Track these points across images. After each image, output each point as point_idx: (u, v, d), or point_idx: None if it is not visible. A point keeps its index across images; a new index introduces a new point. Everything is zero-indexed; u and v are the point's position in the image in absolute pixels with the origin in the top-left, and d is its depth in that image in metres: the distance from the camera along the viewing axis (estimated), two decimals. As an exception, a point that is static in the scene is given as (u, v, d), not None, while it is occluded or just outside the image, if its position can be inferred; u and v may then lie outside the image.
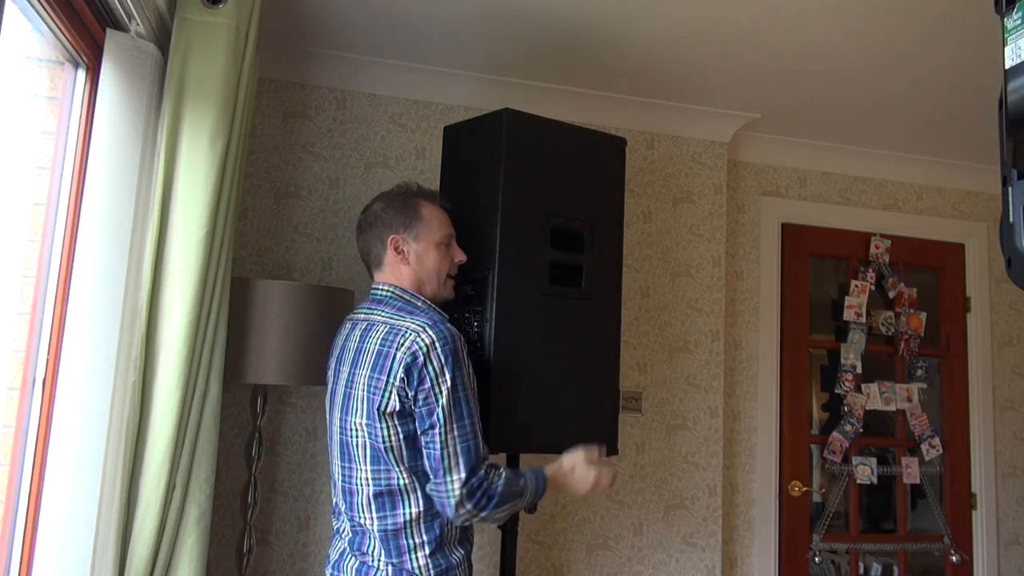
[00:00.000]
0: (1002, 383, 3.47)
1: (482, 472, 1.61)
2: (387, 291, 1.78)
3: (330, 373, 1.86)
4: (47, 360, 1.64)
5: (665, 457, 2.89)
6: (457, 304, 1.92)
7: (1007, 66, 0.89)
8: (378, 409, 1.62)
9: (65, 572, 1.58)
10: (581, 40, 2.44)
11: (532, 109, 2.86)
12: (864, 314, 3.32)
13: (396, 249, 1.79)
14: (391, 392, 1.60)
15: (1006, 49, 0.90)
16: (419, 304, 1.76)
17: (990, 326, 3.49)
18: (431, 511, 1.65)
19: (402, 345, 1.61)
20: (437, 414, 1.59)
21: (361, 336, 1.73)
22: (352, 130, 2.73)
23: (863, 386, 3.28)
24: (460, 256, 1.85)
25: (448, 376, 1.60)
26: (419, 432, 1.61)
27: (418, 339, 1.61)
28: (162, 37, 1.84)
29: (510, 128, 1.94)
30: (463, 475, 1.58)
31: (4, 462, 1.57)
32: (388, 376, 1.61)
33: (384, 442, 1.63)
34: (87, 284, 1.65)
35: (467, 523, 1.66)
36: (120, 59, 1.71)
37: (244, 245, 2.58)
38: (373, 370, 1.65)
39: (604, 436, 1.96)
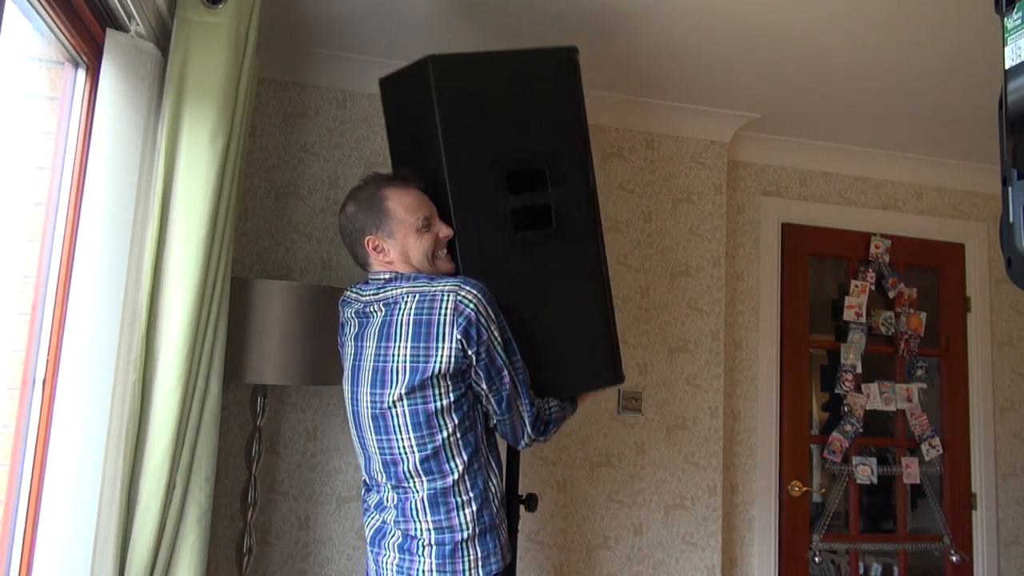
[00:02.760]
0: (1002, 383, 3.47)
1: (538, 401, 1.79)
2: (389, 275, 1.77)
3: (347, 350, 1.84)
4: (47, 360, 1.64)
5: (665, 457, 2.89)
6: None
7: (1007, 66, 0.89)
8: (432, 375, 1.64)
9: (65, 572, 1.58)
10: (581, 39, 2.44)
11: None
12: (864, 314, 3.32)
13: (376, 250, 1.77)
14: (446, 355, 1.63)
15: (1006, 49, 0.90)
16: (428, 275, 1.76)
17: (990, 326, 3.49)
18: (474, 466, 1.70)
19: (446, 309, 1.64)
20: (500, 360, 1.69)
21: (386, 309, 1.72)
22: (352, 130, 2.73)
23: (863, 386, 3.28)
24: (445, 231, 1.78)
25: (497, 323, 1.68)
26: (484, 381, 1.68)
27: (460, 298, 1.64)
28: (162, 37, 1.84)
29: (438, 76, 1.78)
30: (529, 405, 1.75)
31: (4, 462, 1.57)
32: (438, 342, 1.63)
33: (435, 403, 1.66)
34: (87, 284, 1.65)
35: (528, 446, 1.83)
36: (120, 59, 1.71)
37: (244, 245, 2.58)
38: (415, 339, 1.65)
39: (606, 369, 1.92)
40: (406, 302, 1.69)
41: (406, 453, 1.68)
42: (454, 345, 1.63)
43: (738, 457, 3.11)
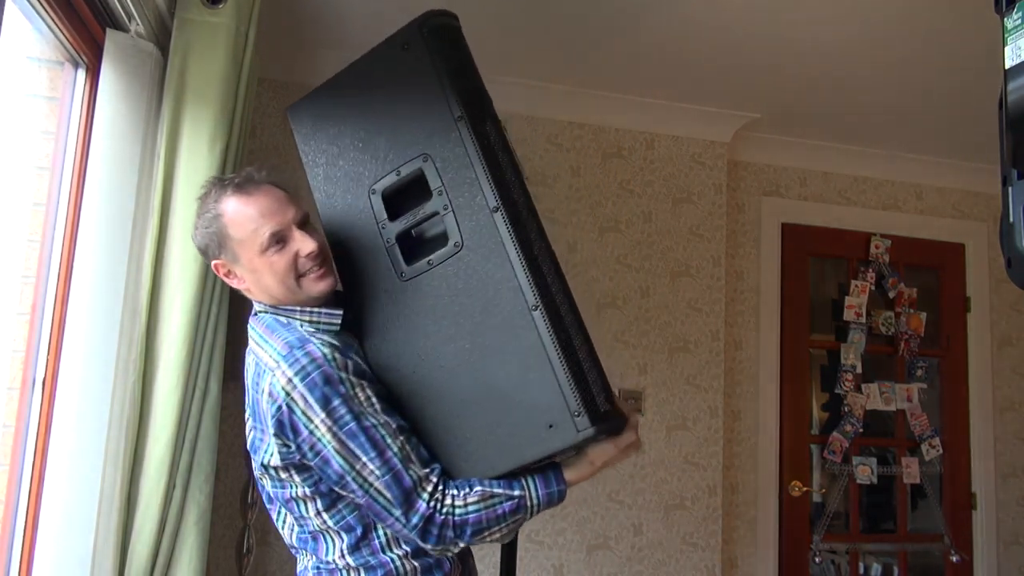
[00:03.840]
0: (1002, 383, 3.47)
1: (425, 498, 1.25)
2: (260, 308, 1.41)
3: None
4: (47, 360, 1.64)
5: (665, 457, 2.89)
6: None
7: (1007, 66, 0.89)
8: (269, 466, 1.31)
9: (65, 572, 1.58)
10: (581, 39, 2.44)
11: (531, 109, 2.89)
12: (864, 314, 3.32)
13: (228, 276, 1.39)
14: (273, 448, 1.29)
15: (1006, 49, 0.90)
16: (290, 316, 1.37)
17: (990, 326, 3.49)
18: (364, 552, 1.33)
19: (263, 391, 1.28)
20: (337, 465, 1.24)
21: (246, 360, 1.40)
22: (352, 130, 2.73)
23: (863, 386, 3.28)
24: (308, 246, 1.35)
25: (322, 413, 1.23)
26: (332, 487, 1.29)
27: (274, 381, 1.25)
28: (162, 37, 1.84)
29: (297, 127, 1.54)
30: (400, 512, 1.24)
31: (4, 462, 1.57)
32: (264, 427, 1.29)
33: (291, 490, 1.33)
34: (87, 284, 1.65)
35: (450, 553, 1.33)
36: (120, 59, 1.71)
37: (244, 245, 2.58)
38: (254, 418, 1.34)
39: (569, 414, 1.26)
40: (249, 360, 1.36)
41: (282, 527, 1.42)
42: (273, 437, 1.27)
43: (738, 457, 3.11)
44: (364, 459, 1.24)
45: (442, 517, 1.25)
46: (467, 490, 1.28)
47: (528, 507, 1.32)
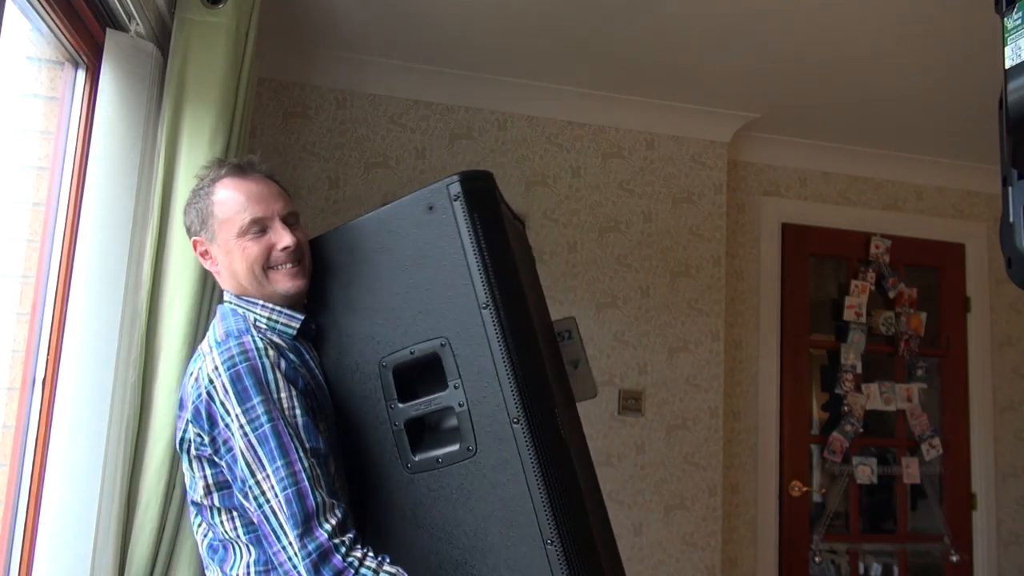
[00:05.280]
0: (1002, 383, 3.47)
1: (327, 530, 1.13)
2: (225, 298, 1.38)
3: None
4: (47, 360, 1.64)
5: (665, 457, 2.89)
6: None
7: (1007, 66, 0.89)
8: (178, 444, 1.26)
9: (65, 572, 1.58)
10: (581, 40, 2.44)
11: (531, 109, 2.89)
12: (864, 314, 3.31)
13: (203, 256, 1.37)
14: (187, 429, 1.24)
15: (1006, 49, 0.90)
16: (248, 309, 1.34)
17: (990, 326, 3.49)
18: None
19: (192, 374, 1.25)
20: (240, 462, 1.16)
21: None
22: (352, 130, 2.73)
23: (863, 386, 3.28)
24: (283, 240, 1.30)
25: (238, 407, 1.17)
26: (236, 490, 1.21)
27: (203, 366, 1.22)
28: (162, 37, 1.84)
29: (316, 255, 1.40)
30: (296, 535, 1.12)
31: (4, 462, 1.57)
32: (184, 412, 1.26)
33: (192, 492, 1.28)
34: (87, 284, 1.65)
35: None
36: (120, 59, 1.71)
37: (244, 245, 2.58)
38: (180, 404, 1.31)
39: None
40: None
41: (196, 532, 1.33)
42: (191, 427, 1.23)
43: (738, 457, 3.11)
44: (269, 469, 1.14)
45: (344, 564, 1.11)
46: (385, 560, 1.16)
47: None
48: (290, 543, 1.12)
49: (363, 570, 1.12)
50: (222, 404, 1.18)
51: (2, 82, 1.55)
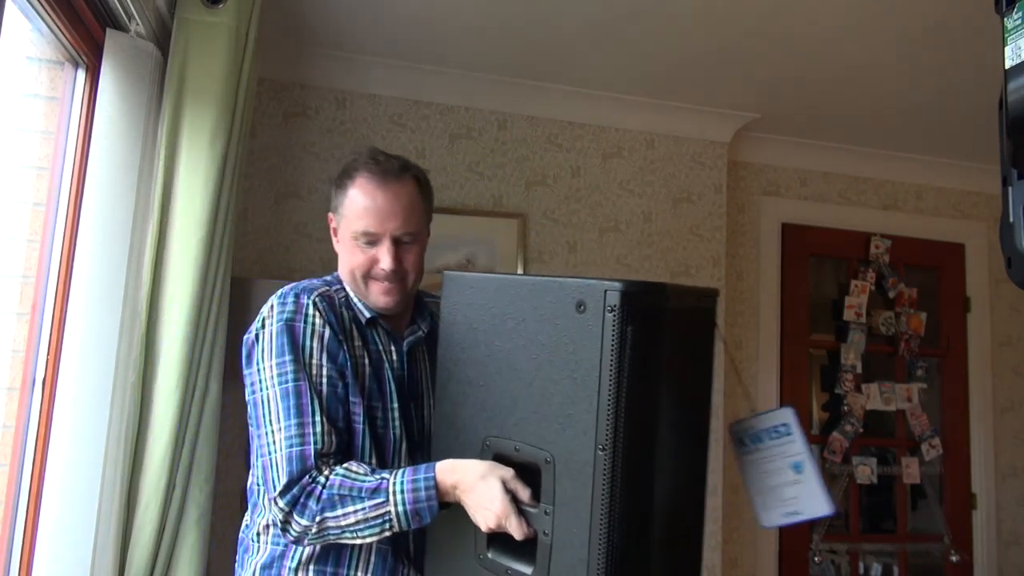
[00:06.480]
0: (1002, 383, 3.47)
1: (305, 480, 1.21)
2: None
3: None
4: (47, 360, 1.64)
5: (665, 457, 2.89)
6: None
7: (1007, 66, 0.89)
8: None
9: (65, 572, 1.58)
10: (581, 39, 2.44)
11: (531, 109, 2.89)
12: (864, 314, 3.32)
13: (333, 232, 1.44)
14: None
15: (1006, 49, 0.90)
16: (340, 287, 1.41)
17: (990, 326, 3.49)
18: (268, 527, 1.35)
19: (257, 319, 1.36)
20: (249, 411, 1.29)
21: None
22: (352, 130, 2.73)
23: (863, 386, 3.28)
24: (385, 262, 1.34)
25: (264, 362, 1.26)
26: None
27: (263, 310, 1.32)
28: (162, 37, 1.84)
29: (447, 289, 1.33)
30: (278, 488, 1.21)
31: (4, 462, 1.57)
32: None
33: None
34: (87, 284, 1.65)
35: (301, 540, 1.23)
36: (120, 59, 1.71)
37: (244, 245, 2.58)
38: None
39: None
40: None
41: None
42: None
43: (738, 457, 3.10)
44: (263, 426, 1.24)
45: (309, 489, 1.20)
46: (336, 470, 1.22)
47: (382, 494, 1.18)
48: (275, 494, 1.21)
49: (322, 486, 1.20)
50: (260, 352, 1.27)
51: (2, 82, 1.55)
